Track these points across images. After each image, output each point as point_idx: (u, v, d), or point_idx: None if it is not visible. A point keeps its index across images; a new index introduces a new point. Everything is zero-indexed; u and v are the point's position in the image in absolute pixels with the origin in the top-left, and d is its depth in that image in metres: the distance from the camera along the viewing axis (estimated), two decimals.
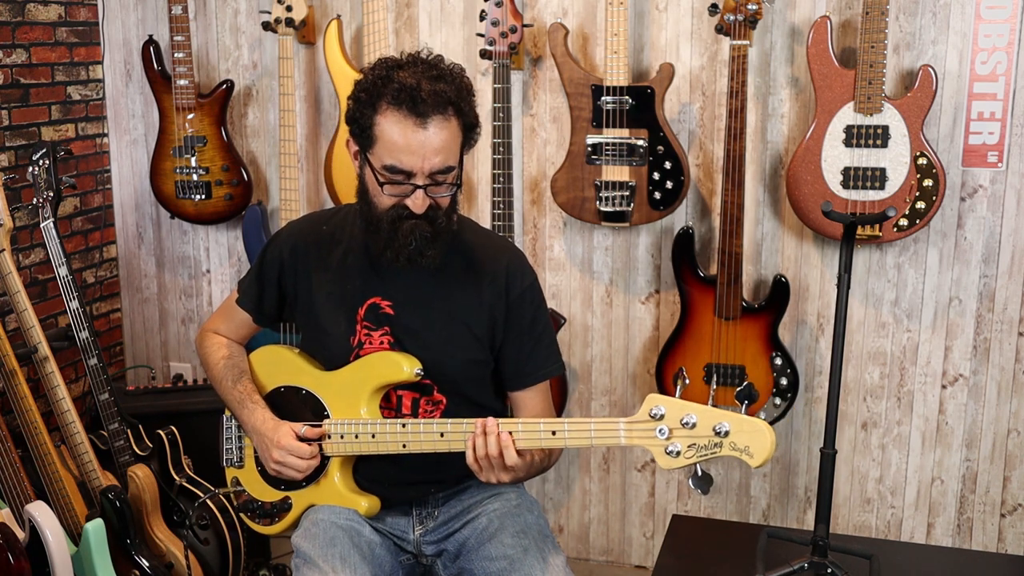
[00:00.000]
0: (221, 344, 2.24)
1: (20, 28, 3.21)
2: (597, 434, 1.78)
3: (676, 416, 1.68)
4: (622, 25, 2.80)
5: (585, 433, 1.80)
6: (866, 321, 2.98)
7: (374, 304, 2.07)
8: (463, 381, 2.08)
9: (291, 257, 2.13)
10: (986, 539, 3.01)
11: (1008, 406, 2.93)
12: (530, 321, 2.08)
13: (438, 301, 2.06)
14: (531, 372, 2.10)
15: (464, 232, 2.09)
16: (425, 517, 2.12)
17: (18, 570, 2.40)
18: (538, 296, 2.12)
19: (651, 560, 3.24)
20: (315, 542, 1.98)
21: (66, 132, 3.41)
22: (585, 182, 2.93)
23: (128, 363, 3.71)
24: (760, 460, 1.63)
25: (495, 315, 2.05)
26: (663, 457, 1.69)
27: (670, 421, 1.68)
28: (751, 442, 1.63)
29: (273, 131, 3.38)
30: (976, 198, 2.85)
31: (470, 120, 1.94)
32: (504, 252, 2.11)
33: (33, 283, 3.30)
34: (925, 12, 2.80)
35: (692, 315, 2.94)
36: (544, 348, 2.11)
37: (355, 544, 1.99)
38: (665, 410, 1.68)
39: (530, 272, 2.11)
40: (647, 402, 1.71)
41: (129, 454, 2.90)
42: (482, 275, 2.06)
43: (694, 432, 1.66)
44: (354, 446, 2.02)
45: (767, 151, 2.97)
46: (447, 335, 2.05)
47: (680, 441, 1.67)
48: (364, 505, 2.06)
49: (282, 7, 3.09)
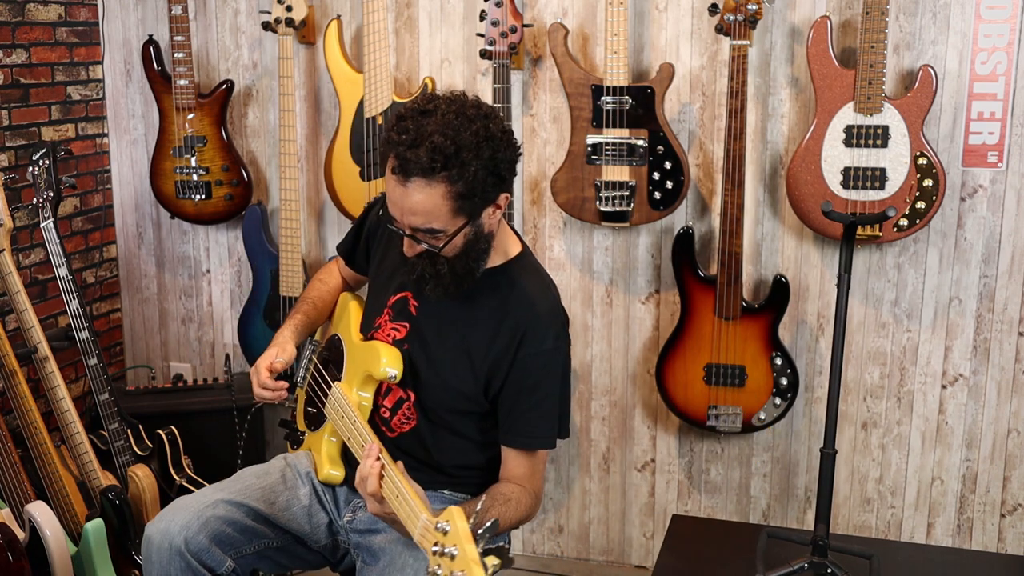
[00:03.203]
0: (330, 269, 2.44)
1: (20, 28, 3.21)
2: (401, 506, 1.77)
3: (451, 541, 1.60)
4: (622, 25, 2.80)
5: (401, 500, 1.77)
6: (866, 321, 2.98)
7: (404, 297, 2.10)
8: (447, 407, 2.09)
9: (377, 221, 2.23)
10: (986, 539, 3.01)
11: (1008, 406, 2.93)
12: (531, 385, 2.02)
13: (458, 325, 2.06)
14: (517, 434, 2.05)
15: (519, 273, 2.06)
16: (357, 507, 2.15)
17: (18, 570, 2.40)
18: (553, 364, 2.04)
19: (651, 560, 3.24)
20: (254, 467, 2.21)
21: (66, 132, 3.41)
22: (585, 182, 2.93)
23: (128, 363, 3.71)
24: None
25: (500, 364, 2.02)
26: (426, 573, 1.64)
27: (448, 541, 1.61)
28: None
29: (273, 131, 3.38)
30: (976, 198, 2.85)
31: (464, 187, 1.85)
32: (540, 307, 2.04)
33: (33, 283, 3.30)
34: (925, 12, 2.80)
35: (692, 315, 2.94)
36: (537, 417, 2.04)
37: (273, 489, 2.14)
38: (449, 530, 1.62)
39: (555, 339, 2.03)
40: (445, 513, 1.64)
41: (129, 454, 2.90)
42: (506, 321, 2.02)
43: (452, 564, 1.59)
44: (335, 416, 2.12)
45: (767, 151, 2.97)
46: (450, 360, 2.06)
47: (443, 567, 1.60)
48: (325, 472, 2.17)
49: (282, 7, 3.09)
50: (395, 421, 2.11)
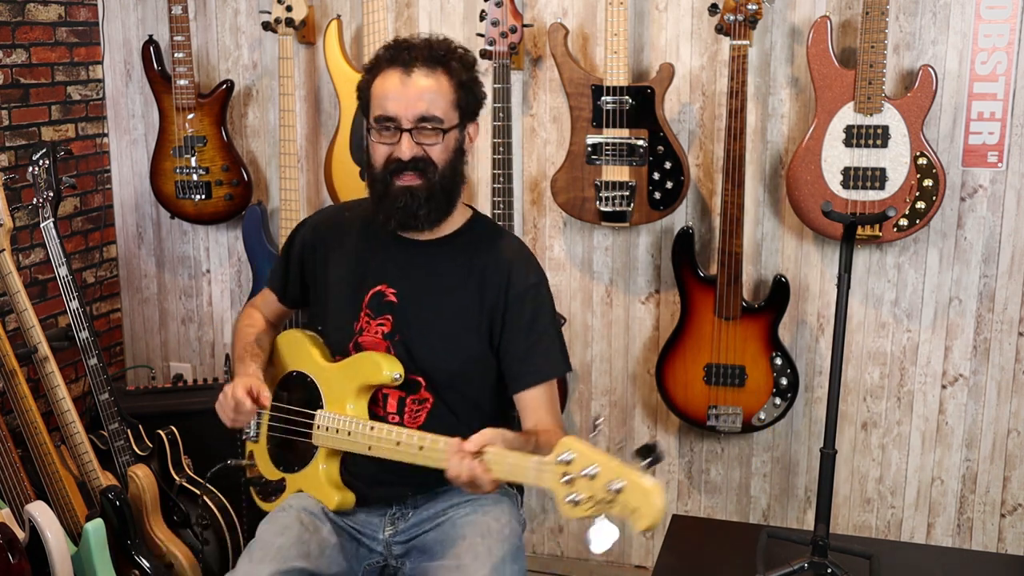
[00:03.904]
0: (250, 315, 2.34)
1: (20, 28, 3.21)
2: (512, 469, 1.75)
3: (581, 464, 1.61)
4: (622, 25, 2.80)
5: (506, 467, 1.76)
6: (866, 321, 2.98)
7: (379, 292, 2.09)
8: (460, 377, 2.08)
9: (312, 237, 2.21)
10: (986, 539, 3.01)
11: (1008, 406, 2.93)
12: (529, 320, 2.06)
13: (442, 294, 2.07)
14: (530, 372, 2.06)
15: (479, 227, 2.14)
16: (398, 518, 2.12)
17: (18, 570, 2.40)
18: (542, 297, 2.10)
19: (651, 560, 3.24)
20: (269, 525, 2.06)
21: (66, 132, 3.41)
22: (585, 182, 2.93)
23: (128, 363, 3.71)
24: (644, 525, 1.56)
25: (494, 311, 2.06)
26: (564, 504, 1.63)
27: (576, 468, 1.61)
28: (640, 505, 1.56)
29: (273, 131, 3.38)
30: (976, 198, 2.85)
31: (463, 79, 2.00)
32: (512, 250, 2.13)
33: (33, 283, 3.30)
34: (925, 12, 2.80)
35: (692, 315, 2.93)
36: (544, 348, 2.08)
37: (301, 539, 2.01)
38: (574, 456, 1.62)
39: (536, 273, 2.11)
40: (560, 445, 1.64)
41: (129, 454, 2.90)
42: (486, 270, 2.07)
43: (594, 484, 1.59)
44: (334, 440, 2.06)
45: (767, 151, 2.97)
46: (447, 330, 2.06)
47: (582, 492, 1.60)
48: (336, 499, 2.09)
49: (282, 7, 3.09)
50: (407, 419, 2.08)
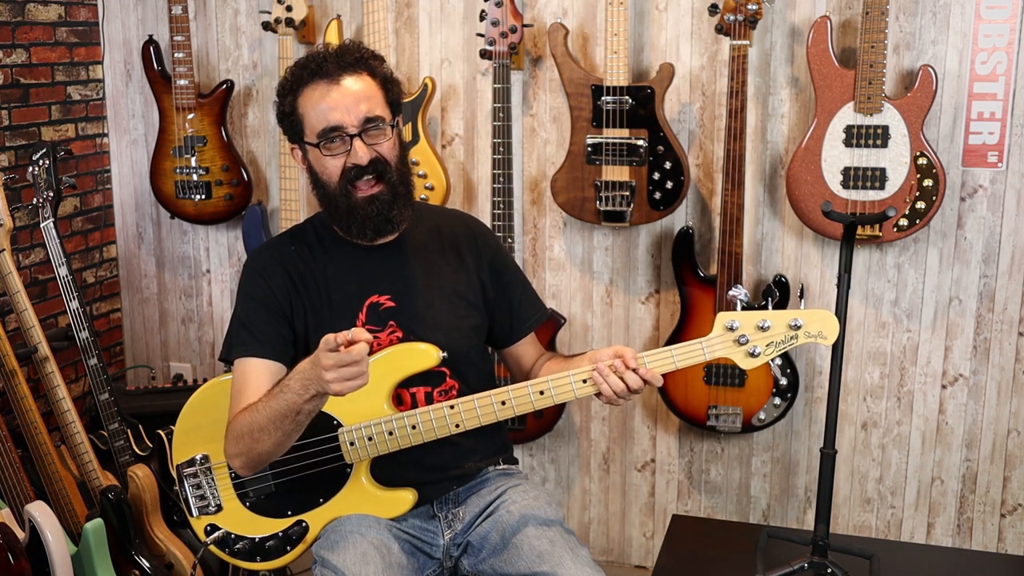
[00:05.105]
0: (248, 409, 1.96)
1: (20, 28, 3.21)
2: (680, 358, 1.93)
3: (751, 323, 1.90)
4: (622, 25, 2.80)
5: (668, 359, 1.93)
6: (866, 321, 2.98)
7: (373, 303, 2.07)
8: (472, 350, 2.14)
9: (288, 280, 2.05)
10: (986, 539, 3.01)
11: (1008, 406, 2.93)
12: (510, 277, 2.21)
13: (430, 280, 2.10)
14: (526, 319, 2.21)
15: (427, 212, 2.22)
16: (452, 520, 2.10)
17: (18, 570, 2.40)
18: (507, 251, 2.33)
19: (651, 560, 3.24)
20: (346, 556, 1.91)
21: (66, 132, 3.41)
22: (585, 182, 2.93)
23: (128, 363, 3.71)
24: (832, 339, 1.89)
25: (482, 277, 2.16)
26: (745, 359, 1.92)
27: (746, 329, 1.90)
28: (822, 327, 1.89)
29: (273, 131, 3.38)
30: (976, 198, 2.85)
31: (384, 74, 2.03)
32: (466, 220, 2.25)
33: (33, 283, 3.30)
34: (925, 12, 2.80)
35: (692, 315, 2.94)
36: (531, 293, 2.25)
37: (386, 563, 1.92)
38: (739, 323, 1.91)
39: (492, 232, 2.30)
40: (719, 319, 1.92)
41: (129, 454, 2.90)
42: (458, 244, 2.16)
43: (770, 333, 1.89)
44: (375, 447, 1.97)
45: (767, 151, 2.97)
46: (448, 309, 2.10)
47: (759, 344, 1.90)
48: (396, 509, 2.02)
49: (282, 7, 3.09)
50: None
